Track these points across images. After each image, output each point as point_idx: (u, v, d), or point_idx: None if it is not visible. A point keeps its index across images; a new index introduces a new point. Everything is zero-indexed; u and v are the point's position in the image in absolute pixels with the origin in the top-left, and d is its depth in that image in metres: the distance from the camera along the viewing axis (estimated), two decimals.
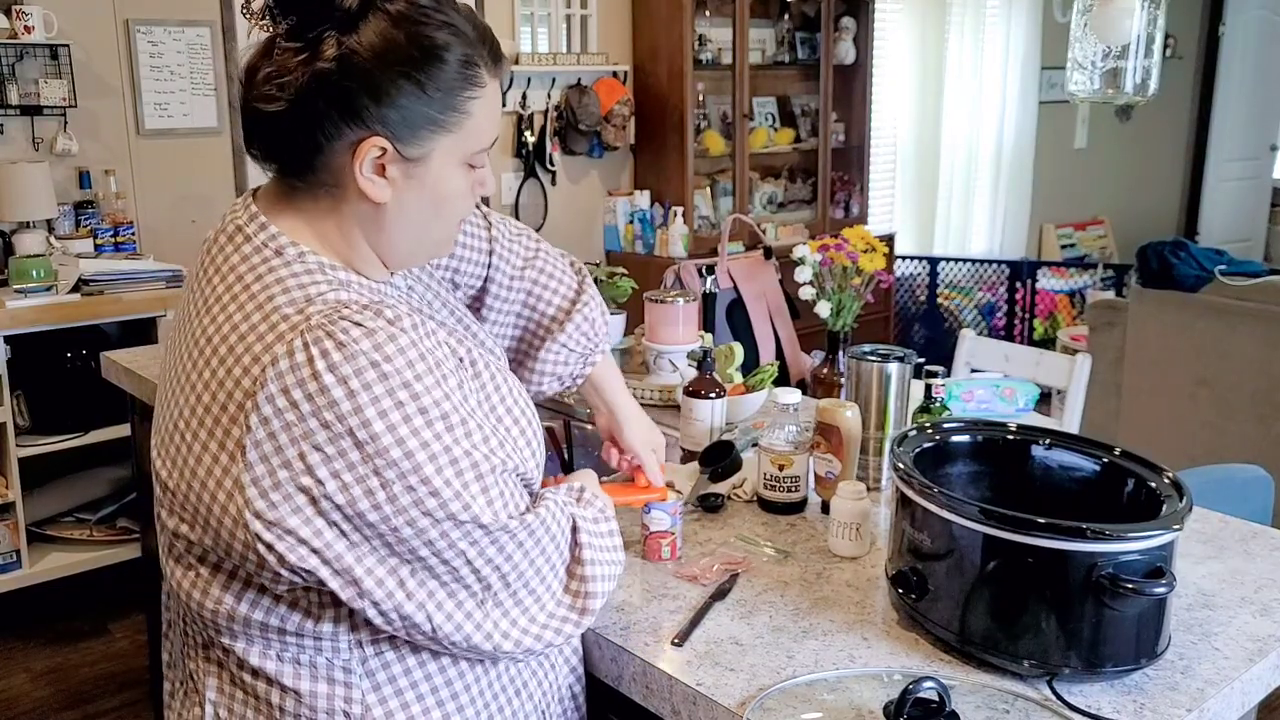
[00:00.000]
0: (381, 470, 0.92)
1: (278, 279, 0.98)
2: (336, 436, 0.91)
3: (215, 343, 0.97)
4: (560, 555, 1.06)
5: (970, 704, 1.09)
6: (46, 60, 3.36)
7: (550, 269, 1.40)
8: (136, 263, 3.32)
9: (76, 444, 3.21)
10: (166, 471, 1.00)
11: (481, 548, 0.97)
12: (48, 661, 3.05)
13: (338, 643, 1.01)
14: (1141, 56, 2.57)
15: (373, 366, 0.92)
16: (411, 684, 1.04)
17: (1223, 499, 1.80)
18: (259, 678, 1.03)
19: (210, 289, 1.01)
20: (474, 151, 1.04)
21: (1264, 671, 1.19)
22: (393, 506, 0.93)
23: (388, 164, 0.99)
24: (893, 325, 5.61)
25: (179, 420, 0.99)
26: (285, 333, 0.93)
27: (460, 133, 1.02)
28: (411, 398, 0.93)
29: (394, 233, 1.04)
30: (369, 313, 0.95)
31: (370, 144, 0.98)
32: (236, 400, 0.93)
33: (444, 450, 0.94)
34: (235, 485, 0.93)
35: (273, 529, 0.93)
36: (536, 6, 4.48)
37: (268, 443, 0.91)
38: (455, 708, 1.06)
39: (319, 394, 0.91)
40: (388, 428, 0.92)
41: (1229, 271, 3.58)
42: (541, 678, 1.15)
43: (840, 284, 2.03)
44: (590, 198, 4.82)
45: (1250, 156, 7.54)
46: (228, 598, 1.00)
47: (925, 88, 5.88)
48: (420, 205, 1.03)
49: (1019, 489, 1.33)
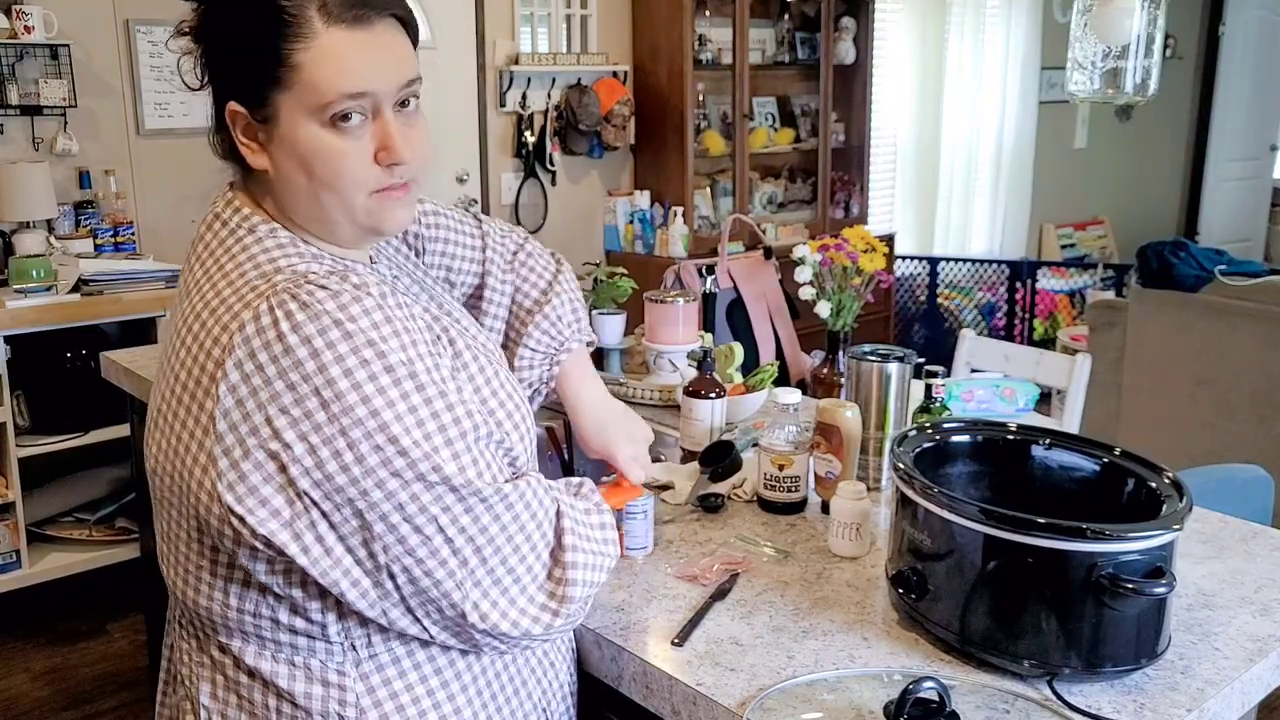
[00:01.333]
0: (348, 430, 0.91)
1: (249, 256, 1.00)
2: (302, 398, 0.91)
3: (190, 321, 0.98)
4: (543, 537, 1.03)
5: (970, 704, 1.09)
6: (47, 60, 3.36)
7: (533, 263, 1.39)
8: (136, 263, 3.32)
9: (76, 444, 3.21)
10: (153, 458, 1.01)
11: (454, 514, 0.95)
12: (47, 661, 3.05)
13: (330, 645, 1.01)
14: (1141, 56, 2.57)
15: (336, 325, 0.92)
16: (406, 686, 1.03)
17: (1223, 499, 1.80)
18: (255, 679, 1.02)
19: (192, 276, 1.04)
20: (319, 105, 0.98)
21: (1264, 671, 1.19)
22: (361, 468, 0.92)
23: (256, 130, 1.02)
24: (893, 325, 5.61)
25: (162, 405, 1.00)
26: (252, 299, 0.94)
27: (297, 86, 0.98)
28: (377, 355, 0.93)
29: (289, 200, 1.05)
30: (334, 278, 0.96)
31: (230, 112, 1.02)
32: (209, 372, 0.94)
33: (410, 410, 0.93)
34: (209, 459, 0.93)
35: (243, 502, 0.92)
36: (536, 6, 4.48)
37: (235, 410, 0.92)
38: (452, 709, 1.05)
39: (283, 355, 0.91)
40: (352, 385, 0.91)
41: (1229, 271, 3.58)
42: (540, 675, 1.15)
43: (840, 284, 2.03)
44: (590, 198, 4.82)
45: (1250, 156, 7.55)
46: (217, 592, 1.00)
47: (925, 88, 5.88)
48: (291, 168, 1.02)
49: (1019, 489, 1.33)
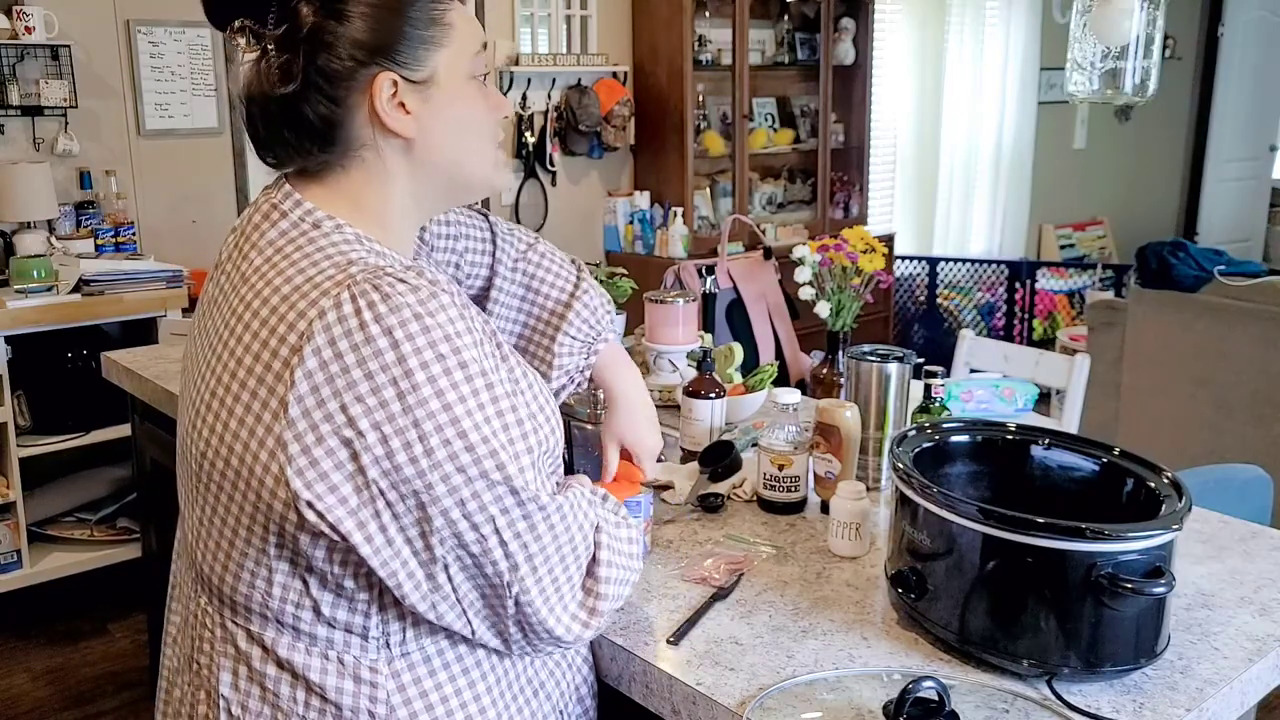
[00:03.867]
0: (421, 422, 0.92)
1: (318, 247, 1.00)
2: (379, 387, 0.92)
3: (255, 307, 0.98)
4: (586, 550, 1.05)
5: (970, 704, 1.09)
6: (47, 61, 3.37)
7: (547, 261, 1.41)
8: (137, 263, 3.33)
9: (77, 444, 3.22)
10: (205, 440, 1.00)
11: (511, 517, 0.97)
12: (48, 661, 3.05)
13: (366, 640, 1.01)
14: (1140, 57, 2.57)
15: (416, 319, 0.93)
16: (436, 685, 1.04)
17: (1222, 499, 1.81)
18: (284, 670, 1.02)
19: (247, 264, 1.02)
20: (472, 58, 1.06)
21: (1263, 671, 1.19)
22: (429, 460, 0.93)
23: (403, 97, 1.02)
24: (892, 325, 5.61)
25: (217, 389, 0.99)
26: (330, 289, 0.95)
27: (453, 45, 1.04)
28: (453, 351, 0.94)
29: (434, 169, 1.06)
30: (411, 272, 0.97)
31: (380, 80, 1.01)
32: (282, 357, 0.94)
33: (479, 407, 0.95)
34: (277, 443, 0.93)
35: (312, 488, 0.93)
36: (536, 7, 4.48)
37: (310, 396, 0.92)
38: (477, 709, 1.06)
39: (364, 344, 0.92)
40: (428, 379, 0.93)
41: (1228, 272, 3.58)
42: (560, 677, 1.15)
43: (840, 284, 2.04)
44: (590, 198, 4.83)
45: (1249, 157, 7.55)
46: (260, 580, 1.00)
47: (925, 88, 5.88)
48: (445, 130, 1.05)
49: (1018, 489, 1.33)
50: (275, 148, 1.05)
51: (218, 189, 3.78)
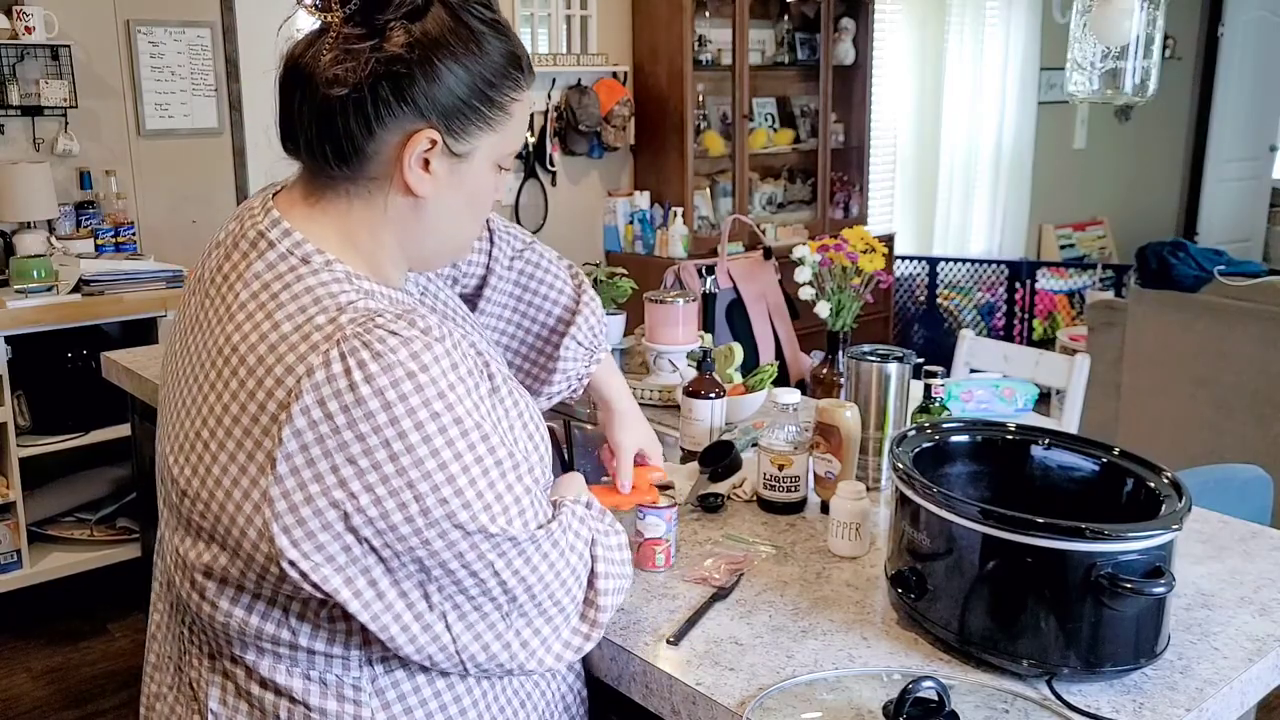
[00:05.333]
0: (416, 483, 0.91)
1: (306, 288, 0.97)
2: (371, 449, 0.90)
3: (243, 352, 0.95)
4: (585, 569, 1.06)
5: (969, 704, 1.09)
6: (47, 61, 3.37)
7: (545, 263, 1.41)
8: (137, 263, 3.33)
9: (77, 444, 3.22)
10: (185, 479, 0.98)
11: (509, 559, 0.97)
12: (48, 661, 3.05)
13: (348, 660, 1.01)
14: (1140, 57, 2.58)
15: (409, 377, 0.91)
16: (420, 701, 1.03)
17: (1222, 499, 1.81)
18: (268, 689, 1.02)
19: (233, 296, 0.99)
20: (508, 153, 1.06)
21: (1263, 671, 1.19)
22: (425, 519, 0.92)
23: (433, 158, 1.00)
24: (892, 325, 5.61)
25: (201, 429, 0.97)
26: (319, 342, 0.92)
27: (502, 132, 1.04)
28: (446, 408, 0.93)
29: (428, 230, 1.05)
30: (403, 322, 0.94)
31: (423, 135, 0.98)
32: (270, 412, 0.91)
33: (476, 461, 0.94)
34: (263, 498, 0.92)
35: (298, 546, 0.91)
36: (536, 7, 4.48)
37: (299, 455, 0.90)
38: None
39: (355, 405, 0.90)
40: (423, 439, 0.91)
41: (1228, 272, 3.58)
42: (545, 688, 1.15)
43: (840, 284, 2.04)
44: (590, 198, 4.83)
45: (1249, 157, 7.55)
46: (238, 610, 0.99)
47: (925, 88, 5.88)
48: (456, 202, 1.04)
49: (1018, 489, 1.33)
50: (296, 136, 1.01)
51: (218, 189, 3.78)
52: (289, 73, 0.99)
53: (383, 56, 0.96)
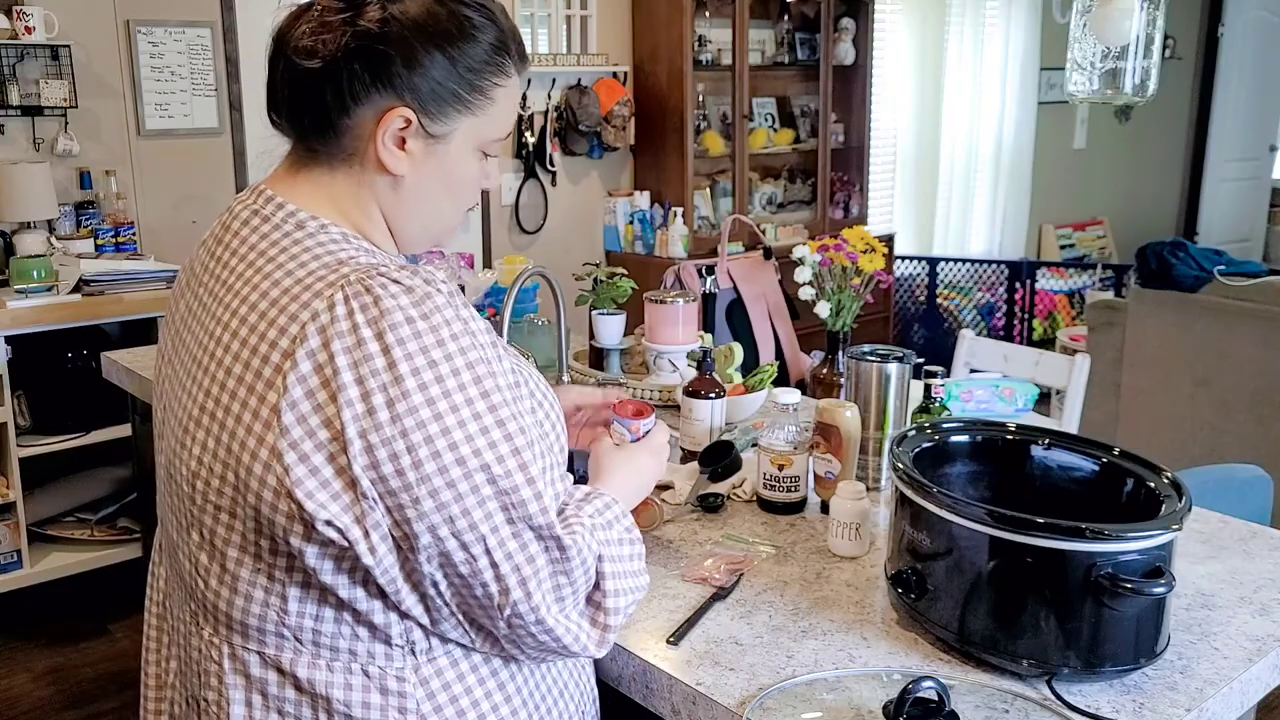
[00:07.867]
0: (410, 432, 0.90)
1: (305, 248, 0.97)
2: (368, 393, 0.89)
3: (243, 314, 0.95)
4: (587, 582, 1.01)
5: (969, 703, 1.09)
6: (47, 61, 3.37)
7: None
8: (137, 263, 3.33)
9: (77, 444, 3.21)
10: (196, 460, 0.97)
11: (502, 537, 0.94)
12: (49, 661, 3.05)
13: (390, 648, 0.98)
14: (1140, 57, 2.58)
15: (408, 322, 0.91)
16: (466, 689, 1.01)
17: (1222, 499, 1.81)
18: (303, 693, 0.98)
19: (228, 271, 0.99)
20: (491, 139, 1.06)
21: (1263, 671, 1.19)
22: (416, 473, 0.90)
23: (409, 137, 1.00)
24: (892, 325, 5.61)
25: (206, 403, 0.96)
26: (322, 289, 0.92)
27: (483, 117, 1.03)
28: (445, 357, 0.92)
29: (406, 210, 1.05)
30: (405, 272, 0.94)
31: (396, 113, 0.99)
32: (273, 363, 0.91)
33: (474, 416, 0.92)
34: (272, 454, 0.90)
35: (313, 496, 0.90)
36: (536, 7, 4.48)
37: (305, 401, 0.90)
38: (509, 711, 1.03)
39: (355, 347, 0.90)
40: (419, 385, 0.90)
41: (1228, 272, 3.58)
42: (580, 678, 1.14)
43: (840, 284, 2.04)
44: (590, 198, 4.83)
45: (1249, 157, 7.55)
46: (274, 597, 0.96)
47: (925, 88, 5.88)
48: (434, 185, 1.04)
49: (1018, 489, 1.33)
50: (280, 106, 1.02)
51: (218, 189, 3.78)
52: (274, 43, 1.01)
53: (357, 31, 0.97)
